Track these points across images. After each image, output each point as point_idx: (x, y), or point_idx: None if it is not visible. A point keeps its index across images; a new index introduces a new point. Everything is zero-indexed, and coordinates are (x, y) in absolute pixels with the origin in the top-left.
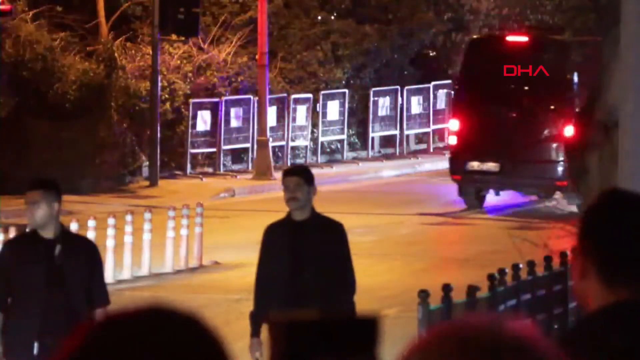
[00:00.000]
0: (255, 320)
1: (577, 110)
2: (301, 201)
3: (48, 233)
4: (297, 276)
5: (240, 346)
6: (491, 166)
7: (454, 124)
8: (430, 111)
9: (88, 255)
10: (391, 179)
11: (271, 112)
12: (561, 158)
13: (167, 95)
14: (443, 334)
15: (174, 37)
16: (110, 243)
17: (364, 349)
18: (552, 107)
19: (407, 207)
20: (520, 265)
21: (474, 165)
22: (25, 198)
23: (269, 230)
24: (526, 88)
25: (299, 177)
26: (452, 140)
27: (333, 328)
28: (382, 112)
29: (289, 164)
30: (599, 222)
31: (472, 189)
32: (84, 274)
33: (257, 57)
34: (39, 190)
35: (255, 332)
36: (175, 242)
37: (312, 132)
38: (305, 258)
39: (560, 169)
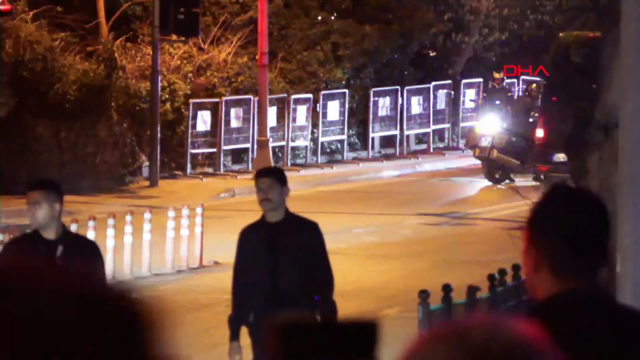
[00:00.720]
0: (234, 324)
1: None
2: (274, 202)
3: (50, 233)
4: (275, 278)
5: (241, 345)
6: None
7: (541, 118)
8: (430, 111)
9: (90, 255)
10: (391, 179)
11: (271, 113)
12: None
13: (167, 96)
14: (438, 335)
15: (174, 37)
16: (110, 243)
17: (363, 353)
18: None
19: (407, 207)
20: (521, 266)
21: (560, 157)
22: (27, 198)
23: (244, 233)
24: None
25: (272, 178)
26: (540, 133)
27: (331, 331)
28: (382, 112)
29: (289, 164)
30: (552, 217)
31: (558, 179)
32: None
33: (257, 57)
34: (40, 190)
35: (234, 336)
36: (176, 242)
37: (312, 133)
38: (281, 259)
39: None
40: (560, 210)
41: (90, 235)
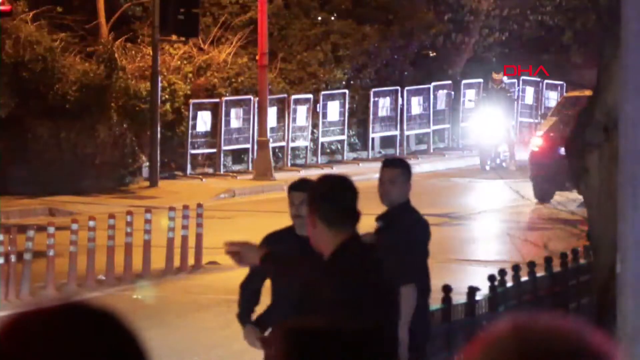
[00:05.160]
0: (243, 315)
1: None
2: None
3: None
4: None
5: (240, 347)
6: None
7: None
8: (430, 112)
9: None
10: None
11: (271, 113)
12: None
13: (167, 96)
14: (504, 335)
15: (174, 37)
16: (109, 243)
17: (369, 357)
18: None
19: None
20: (521, 266)
21: None
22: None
23: (270, 239)
24: None
25: (305, 193)
26: None
27: (338, 336)
28: (382, 112)
29: (289, 165)
30: (326, 195)
31: None
32: None
33: (257, 57)
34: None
35: (246, 320)
36: (175, 243)
37: (312, 133)
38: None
39: None
40: (331, 191)
41: (90, 235)
